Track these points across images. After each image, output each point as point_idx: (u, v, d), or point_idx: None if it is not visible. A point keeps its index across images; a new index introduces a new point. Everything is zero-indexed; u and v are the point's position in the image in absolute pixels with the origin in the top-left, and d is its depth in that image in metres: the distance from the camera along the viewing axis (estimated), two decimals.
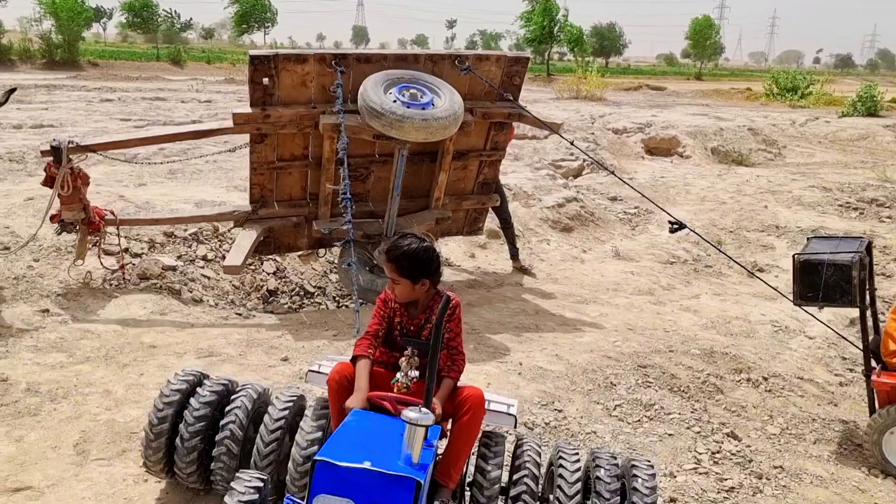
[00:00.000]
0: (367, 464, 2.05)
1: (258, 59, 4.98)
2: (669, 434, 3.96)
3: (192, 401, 2.83)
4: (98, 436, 3.40)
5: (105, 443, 3.33)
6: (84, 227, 5.24)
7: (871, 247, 4.17)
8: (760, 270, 7.70)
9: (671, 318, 5.96)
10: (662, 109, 20.44)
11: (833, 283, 3.83)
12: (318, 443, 2.66)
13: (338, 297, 6.27)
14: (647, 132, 14.32)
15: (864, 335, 4.01)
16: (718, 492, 3.49)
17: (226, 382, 2.95)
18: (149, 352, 4.45)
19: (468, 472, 2.81)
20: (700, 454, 3.79)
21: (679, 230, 4.78)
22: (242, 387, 2.95)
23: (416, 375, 2.62)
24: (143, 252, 5.80)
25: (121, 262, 5.45)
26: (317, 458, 2.08)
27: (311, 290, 6.31)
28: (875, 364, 4.00)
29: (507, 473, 2.77)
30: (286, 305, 5.97)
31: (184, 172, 8.31)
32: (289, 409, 2.80)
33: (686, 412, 4.23)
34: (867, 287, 4.00)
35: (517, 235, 7.32)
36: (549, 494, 2.71)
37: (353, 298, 4.47)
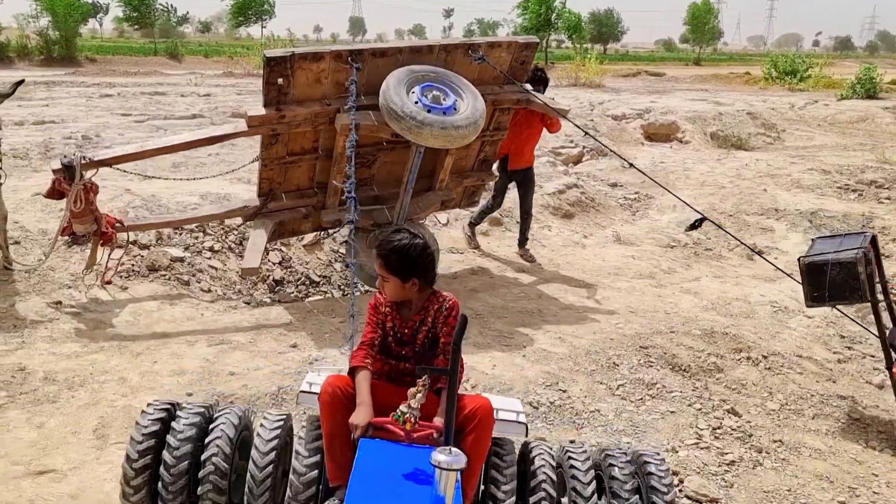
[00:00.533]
0: None
1: (274, 61, 4.81)
2: (671, 411, 4.06)
3: (170, 438, 2.60)
4: (116, 421, 3.50)
5: (123, 427, 3.43)
6: (96, 238, 5.09)
7: (877, 240, 4.15)
8: (760, 253, 7.78)
9: (672, 301, 6.05)
10: (661, 95, 20.46)
11: (841, 282, 3.85)
12: (317, 467, 2.55)
13: (343, 286, 6.36)
14: (647, 118, 14.34)
15: (880, 328, 4.01)
16: (719, 465, 3.59)
17: (201, 410, 2.72)
18: (161, 340, 4.56)
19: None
20: (701, 430, 3.89)
21: (699, 226, 4.66)
22: (220, 412, 2.74)
23: (422, 399, 2.37)
24: (151, 244, 5.90)
25: (120, 262, 5.44)
26: None
27: (317, 280, 6.40)
28: (895, 355, 4.00)
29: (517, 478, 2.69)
30: (292, 294, 6.06)
31: (187, 165, 8.38)
32: (278, 437, 2.64)
33: (687, 390, 4.32)
34: (877, 280, 3.99)
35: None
36: (562, 497, 2.65)
37: (350, 304, 4.35)
